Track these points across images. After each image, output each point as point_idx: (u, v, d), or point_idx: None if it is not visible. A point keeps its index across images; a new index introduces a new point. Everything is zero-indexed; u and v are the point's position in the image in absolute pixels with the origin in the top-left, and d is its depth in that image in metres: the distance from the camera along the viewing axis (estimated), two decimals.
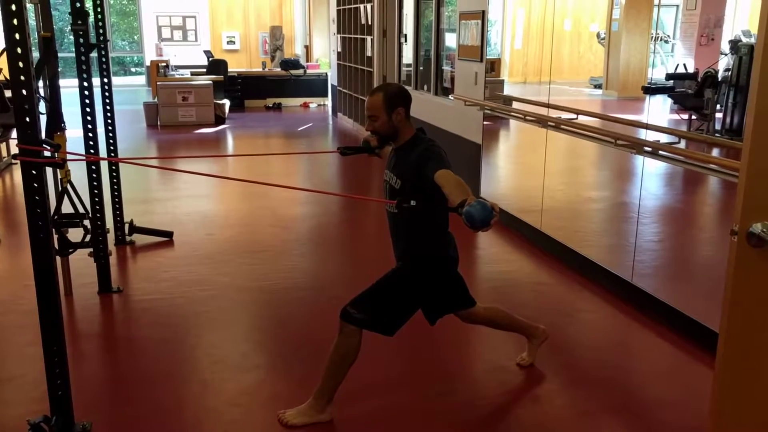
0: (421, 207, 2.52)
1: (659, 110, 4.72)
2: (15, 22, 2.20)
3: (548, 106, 4.95)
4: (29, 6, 3.51)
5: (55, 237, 3.75)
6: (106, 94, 4.62)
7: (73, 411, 2.59)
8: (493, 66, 6.14)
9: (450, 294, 2.86)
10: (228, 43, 16.35)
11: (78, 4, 3.91)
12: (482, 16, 5.75)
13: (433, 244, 2.73)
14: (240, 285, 4.27)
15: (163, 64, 12.60)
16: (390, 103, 2.61)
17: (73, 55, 4.06)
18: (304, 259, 4.90)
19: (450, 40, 7.27)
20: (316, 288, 4.29)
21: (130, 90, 15.73)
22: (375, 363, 3.12)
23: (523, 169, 6.29)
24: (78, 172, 3.98)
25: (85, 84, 4.08)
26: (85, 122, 4.09)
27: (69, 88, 5.11)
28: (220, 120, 11.43)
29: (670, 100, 4.82)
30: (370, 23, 9.76)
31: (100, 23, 4.39)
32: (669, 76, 4.76)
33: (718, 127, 4.41)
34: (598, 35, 5.89)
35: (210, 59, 13.61)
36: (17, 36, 2.21)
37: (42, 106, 3.43)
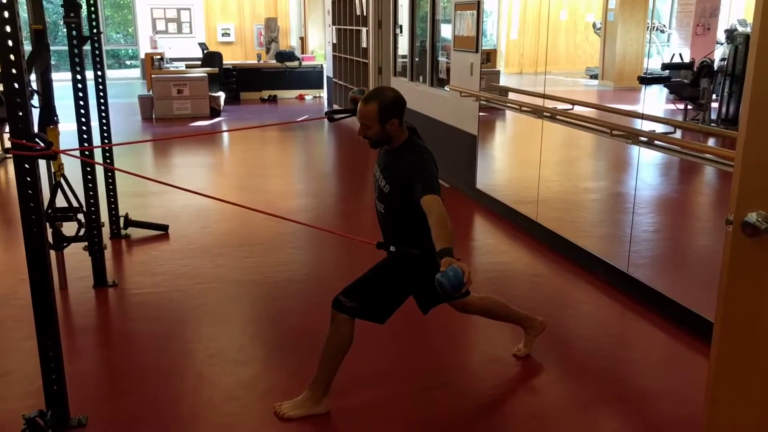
0: (399, 252, 2.56)
1: (655, 100, 4.72)
2: (6, 14, 2.18)
3: (544, 96, 4.94)
4: None
5: (49, 231, 3.74)
6: (100, 87, 4.59)
7: (68, 405, 2.59)
8: (489, 57, 6.12)
9: None
10: (223, 35, 16.28)
11: None
12: (478, 6, 5.73)
13: (422, 242, 2.72)
14: (236, 278, 4.27)
15: (158, 56, 12.54)
16: (384, 115, 2.54)
17: (66, 47, 4.03)
18: (299, 252, 4.89)
19: (445, 31, 7.24)
20: (311, 280, 4.29)
21: (125, 83, 15.67)
22: (370, 355, 3.12)
23: (519, 160, 6.29)
24: (72, 165, 3.96)
25: (79, 77, 4.05)
26: (78, 116, 4.06)
27: (62, 81, 5.08)
28: (215, 112, 11.39)
29: (666, 90, 4.82)
30: (365, 14, 9.72)
31: (93, 15, 4.35)
32: (665, 66, 4.76)
33: (713, 116, 4.41)
34: (594, 25, 5.88)
35: (205, 51, 13.56)
36: (8, 28, 2.19)
37: (35, 100, 3.41)
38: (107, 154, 4.85)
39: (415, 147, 2.62)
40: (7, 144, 2.19)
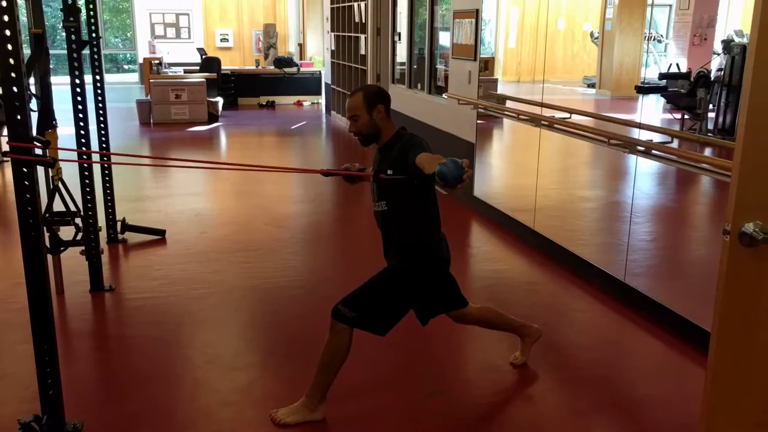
0: (399, 177, 2.55)
1: (652, 109, 4.74)
2: (6, 18, 2.18)
3: (542, 105, 4.96)
4: (20, 2, 3.49)
5: (47, 235, 3.74)
6: (99, 91, 4.59)
7: (64, 410, 2.58)
8: (487, 65, 6.14)
9: (442, 294, 2.86)
10: (221, 40, 16.30)
11: (70, 1, 3.88)
12: (476, 14, 5.75)
13: (423, 244, 2.73)
14: (233, 283, 4.26)
15: (156, 61, 12.55)
16: (370, 101, 2.65)
17: (65, 52, 4.03)
18: (297, 258, 4.89)
19: (444, 39, 7.27)
20: (308, 286, 4.28)
21: (123, 87, 15.67)
22: (368, 362, 3.12)
23: (517, 168, 6.30)
24: (70, 170, 3.95)
25: (77, 81, 4.06)
26: (77, 120, 4.07)
27: (61, 85, 5.09)
28: (213, 118, 11.39)
29: (663, 100, 4.84)
30: (363, 21, 9.75)
31: (93, 20, 4.36)
32: (662, 76, 4.78)
33: (710, 126, 4.43)
34: (591, 34, 5.91)
35: (203, 57, 13.57)
36: (8, 32, 2.19)
37: (33, 104, 3.41)
38: (105, 158, 4.84)
39: (404, 135, 2.70)
40: (5, 147, 2.18)
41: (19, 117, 2.28)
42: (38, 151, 2.43)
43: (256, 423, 2.75)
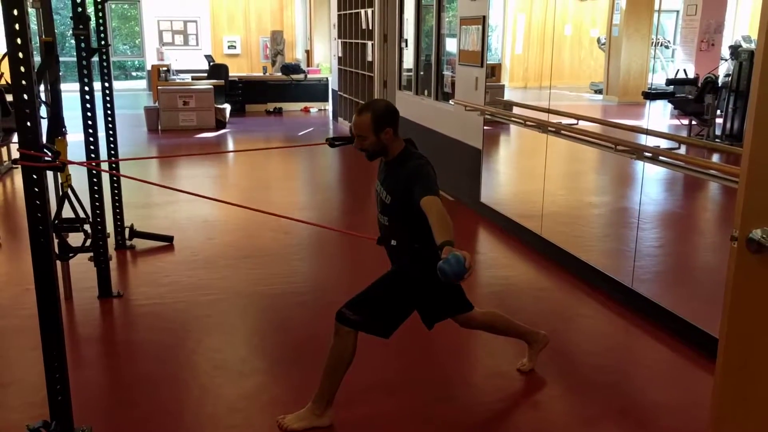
0: (399, 247, 2.56)
1: (660, 115, 4.73)
2: (17, 26, 2.20)
3: (549, 111, 4.96)
4: (31, 10, 3.52)
5: (56, 241, 3.76)
6: (107, 98, 4.62)
7: (72, 416, 2.59)
8: (494, 71, 6.15)
9: (446, 298, 2.86)
10: (229, 47, 16.37)
11: (79, 9, 3.92)
12: (483, 21, 5.76)
13: (426, 252, 2.72)
14: (240, 290, 4.27)
15: (164, 68, 12.60)
16: (378, 124, 2.59)
17: (75, 59, 4.06)
18: (304, 264, 4.90)
19: (451, 45, 7.28)
20: (315, 293, 4.29)
21: (131, 94, 15.75)
22: (374, 367, 3.12)
23: (524, 174, 6.30)
24: (79, 176, 3.98)
25: (86, 88, 4.08)
26: (86, 127, 4.09)
27: (70, 92, 5.11)
28: (221, 124, 11.43)
29: (670, 106, 4.83)
30: (370, 28, 9.78)
31: (102, 28, 4.39)
32: (669, 82, 4.77)
33: (718, 132, 4.42)
34: (598, 40, 5.91)
35: (211, 64, 13.63)
36: (19, 40, 2.21)
37: (43, 111, 3.44)
38: (113, 165, 4.87)
39: (411, 155, 2.66)
40: (15, 154, 2.20)
41: (29, 124, 2.30)
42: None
43: (264, 429, 2.75)
